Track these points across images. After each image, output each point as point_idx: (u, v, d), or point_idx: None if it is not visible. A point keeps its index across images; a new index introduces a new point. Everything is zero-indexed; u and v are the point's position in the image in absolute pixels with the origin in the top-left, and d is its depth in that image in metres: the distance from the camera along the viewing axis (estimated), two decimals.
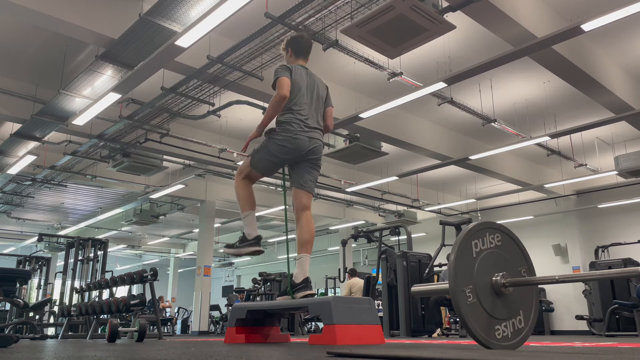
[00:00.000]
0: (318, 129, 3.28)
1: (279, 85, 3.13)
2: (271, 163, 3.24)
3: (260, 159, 3.25)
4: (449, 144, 10.48)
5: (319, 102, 3.34)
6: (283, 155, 3.18)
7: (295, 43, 3.43)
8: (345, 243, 9.26)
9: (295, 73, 3.25)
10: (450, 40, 7.23)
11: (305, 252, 3.17)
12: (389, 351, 1.76)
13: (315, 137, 3.23)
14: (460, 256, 2.09)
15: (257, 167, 3.28)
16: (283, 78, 3.14)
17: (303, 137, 3.16)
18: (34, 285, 11.32)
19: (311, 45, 3.49)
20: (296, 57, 3.43)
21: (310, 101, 3.27)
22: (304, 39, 3.45)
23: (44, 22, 5.73)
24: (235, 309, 3.27)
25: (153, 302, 6.16)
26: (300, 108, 3.20)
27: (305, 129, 3.18)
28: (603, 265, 8.67)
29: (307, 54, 3.47)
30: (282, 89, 3.11)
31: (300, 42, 3.43)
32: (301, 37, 3.46)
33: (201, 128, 10.23)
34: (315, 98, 3.32)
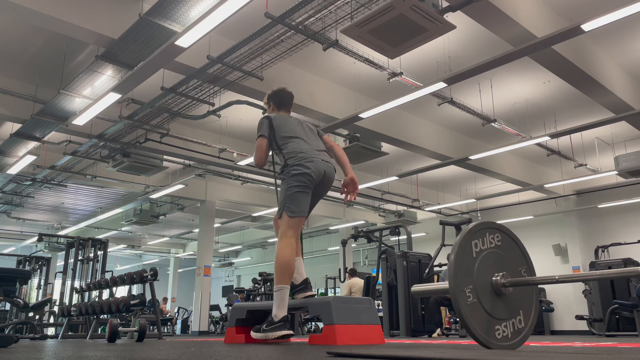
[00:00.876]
0: (325, 152, 3.27)
1: (256, 148, 3.20)
2: (303, 196, 3.03)
3: (292, 200, 3.01)
4: (449, 144, 10.48)
5: (312, 133, 3.34)
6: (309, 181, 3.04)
7: (276, 97, 3.47)
8: (345, 243, 9.26)
9: (276, 118, 3.28)
10: (450, 40, 7.23)
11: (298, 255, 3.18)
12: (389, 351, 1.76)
13: (326, 159, 3.19)
14: (460, 256, 2.09)
15: (293, 210, 3.00)
16: (259, 140, 3.19)
17: (317, 158, 3.11)
18: (34, 285, 11.32)
19: (292, 99, 3.51)
20: (278, 110, 3.46)
21: (304, 133, 3.27)
22: (285, 93, 3.47)
23: (44, 22, 5.73)
24: (235, 309, 3.27)
25: (153, 302, 6.16)
26: (300, 137, 3.20)
27: (314, 151, 3.15)
28: (603, 265, 8.67)
29: (289, 107, 3.49)
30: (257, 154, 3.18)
31: (281, 96, 3.46)
32: (282, 91, 3.48)
33: (201, 128, 10.23)
34: (308, 130, 3.32)
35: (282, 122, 3.25)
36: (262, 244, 21.88)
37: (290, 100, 3.50)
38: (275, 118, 3.28)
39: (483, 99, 9.02)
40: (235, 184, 14.06)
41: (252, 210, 16.67)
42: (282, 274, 2.90)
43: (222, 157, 10.45)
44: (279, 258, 2.93)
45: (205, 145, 10.01)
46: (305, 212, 3.05)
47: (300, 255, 3.23)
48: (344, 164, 3.33)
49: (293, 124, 3.28)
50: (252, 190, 14.63)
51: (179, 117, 8.47)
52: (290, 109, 3.51)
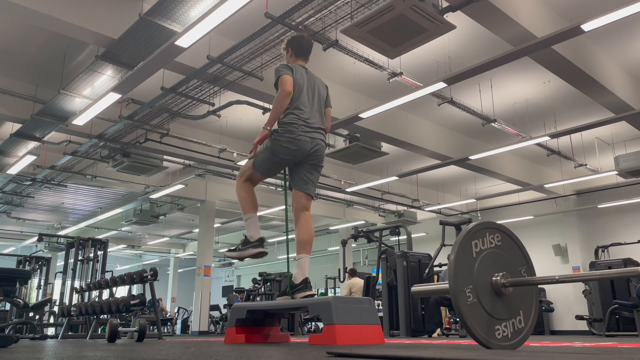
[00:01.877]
0: (320, 129, 3.26)
1: (282, 82, 3.12)
2: (274, 164, 3.21)
3: (263, 160, 3.21)
4: (449, 144, 10.48)
5: (320, 102, 3.34)
6: (286, 157, 3.16)
7: (295, 43, 3.42)
8: (345, 243, 9.26)
9: (296, 73, 3.25)
10: (450, 40, 7.23)
11: (305, 252, 3.16)
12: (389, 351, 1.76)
13: (317, 137, 3.21)
14: (460, 256, 2.09)
15: (260, 169, 3.24)
16: (285, 76, 3.14)
17: (305, 137, 3.14)
18: (34, 285, 11.32)
19: (312, 46, 3.49)
20: (296, 57, 3.42)
21: (311, 101, 3.27)
22: (305, 39, 3.44)
23: (44, 22, 5.73)
24: (235, 309, 3.27)
25: (153, 302, 6.16)
26: (302, 109, 3.19)
27: (307, 129, 3.17)
28: (603, 265, 8.67)
29: (307, 55, 3.46)
30: (286, 85, 3.11)
31: (300, 42, 3.42)
32: (302, 37, 3.45)
33: (201, 128, 10.23)
34: (316, 98, 3.31)
35: (297, 80, 3.22)
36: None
37: (310, 47, 3.47)
38: (295, 68, 3.26)
39: (483, 99, 9.02)
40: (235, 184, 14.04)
41: None
42: (246, 207, 3.27)
43: (222, 157, 10.45)
44: (239, 196, 3.30)
45: (205, 145, 10.01)
46: (267, 175, 3.30)
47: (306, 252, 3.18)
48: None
49: (305, 87, 3.26)
50: None
51: (179, 117, 8.47)
52: (308, 58, 3.48)
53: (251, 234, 3.21)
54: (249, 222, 3.24)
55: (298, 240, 3.19)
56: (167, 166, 10.79)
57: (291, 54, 3.43)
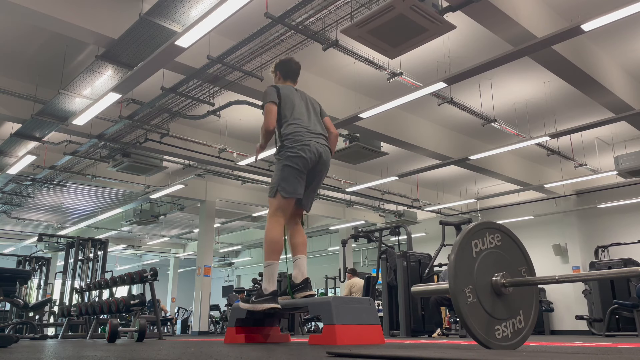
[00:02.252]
0: (323, 136, 3.26)
1: (265, 113, 3.15)
2: (296, 178, 3.07)
3: (284, 180, 3.06)
4: (449, 144, 10.48)
5: (316, 114, 3.34)
6: (303, 165, 3.08)
7: (283, 66, 3.46)
8: (345, 243, 9.26)
9: (284, 89, 3.27)
10: (450, 40, 7.23)
11: (301, 253, 3.19)
12: (389, 351, 1.76)
13: (322, 142, 3.20)
14: (460, 256, 2.09)
15: (288, 191, 3.05)
16: (269, 105, 3.16)
17: (313, 142, 3.13)
18: (34, 285, 11.32)
19: (299, 69, 3.51)
20: (284, 80, 3.45)
21: (307, 112, 3.27)
22: (292, 62, 3.47)
23: (44, 22, 5.73)
24: (235, 309, 3.27)
25: (153, 302, 6.16)
26: (300, 118, 3.19)
27: (312, 135, 3.16)
28: (603, 265, 8.67)
29: (295, 77, 3.48)
30: (267, 119, 3.13)
31: (288, 65, 3.45)
32: (289, 61, 3.47)
33: (201, 128, 10.23)
34: (311, 110, 3.32)
35: (287, 95, 3.24)
36: (262, 244, 21.82)
37: (298, 70, 3.49)
38: (282, 89, 3.27)
39: (483, 99, 9.02)
40: (235, 184, 14.06)
41: (252, 210, 16.67)
42: (271, 251, 3.01)
43: (222, 157, 10.45)
44: (267, 236, 3.03)
45: (205, 145, 10.01)
46: (298, 194, 3.10)
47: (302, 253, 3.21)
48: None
49: (297, 100, 3.27)
50: (252, 190, 14.63)
51: (179, 117, 8.47)
52: (297, 80, 3.49)
53: (266, 286, 3.01)
54: (268, 270, 3.03)
55: (293, 243, 3.23)
56: (167, 166, 10.79)
57: (279, 77, 3.47)
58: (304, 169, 3.09)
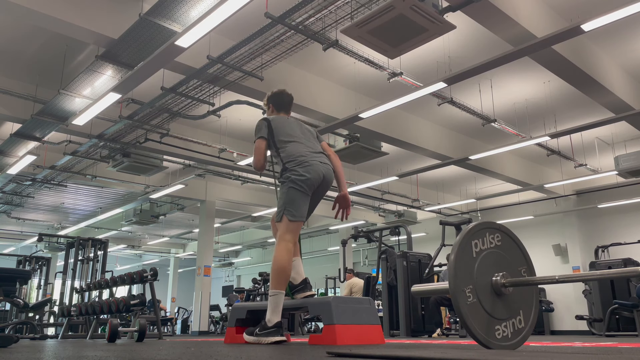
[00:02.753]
0: (323, 154, 3.24)
1: (255, 150, 3.15)
2: (302, 199, 3.02)
3: (291, 203, 3.00)
4: (449, 144, 10.48)
5: (311, 135, 3.32)
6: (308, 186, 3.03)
7: (275, 99, 3.45)
8: (345, 243, 9.26)
9: (274, 119, 3.25)
10: (450, 40, 7.23)
11: (296, 255, 3.16)
12: (389, 351, 1.76)
13: (324, 161, 3.17)
14: (460, 256, 2.09)
15: (293, 214, 3.00)
16: (258, 142, 3.15)
17: (315, 161, 3.10)
18: (34, 285, 11.32)
19: (292, 100, 3.49)
20: (278, 112, 3.44)
21: (302, 135, 3.25)
22: (285, 95, 3.46)
23: (44, 22, 5.73)
24: (235, 309, 3.27)
25: (153, 302, 6.16)
26: (299, 140, 3.18)
27: (313, 154, 3.14)
28: (603, 265, 8.67)
29: (288, 108, 3.46)
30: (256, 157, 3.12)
31: (280, 97, 3.44)
32: (281, 93, 3.46)
33: (201, 128, 10.23)
34: (306, 132, 3.30)
35: (280, 124, 3.23)
36: (262, 244, 21.88)
37: (290, 102, 3.48)
38: (274, 120, 3.25)
39: (483, 99, 9.02)
40: (235, 184, 14.06)
41: (252, 210, 16.67)
42: (279, 279, 2.89)
43: (222, 157, 10.45)
44: (276, 262, 2.91)
45: (205, 145, 10.01)
46: (304, 216, 3.05)
47: (298, 255, 3.22)
48: (338, 178, 3.29)
49: (292, 126, 3.26)
50: (252, 190, 14.63)
51: (179, 117, 8.47)
52: (290, 111, 3.49)
53: (270, 317, 2.87)
54: (273, 299, 2.88)
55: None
56: (167, 166, 10.79)
57: (272, 110, 3.46)
58: (309, 192, 3.04)
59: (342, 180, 3.29)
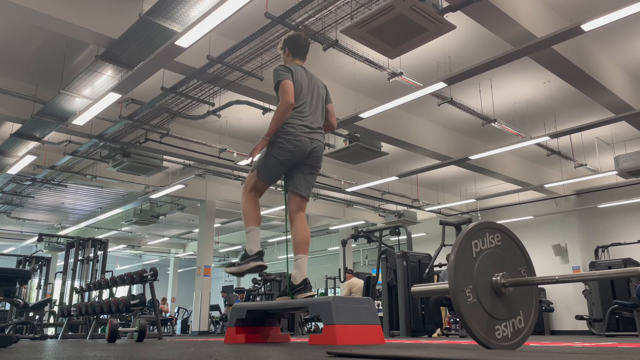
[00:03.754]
0: (319, 130, 3.24)
1: (283, 90, 3.05)
2: (276, 169, 3.15)
3: (265, 167, 3.15)
4: (449, 144, 10.48)
5: (319, 101, 3.30)
6: (286, 158, 3.11)
7: (292, 42, 3.37)
8: (345, 243, 9.26)
9: (297, 73, 3.20)
10: (450, 40, 7.23)
11: (302, 252, 3.14)
12: (389, 351, 1.76)
13: (316, 138, 3.18)
14: (460, 256, 2.09)
15: (263, 176, 3.17)
16: (286, 82, 3.07)
17: (305, 138, 3.11)
18: (34, 285, 11.32)
19: (309, 45, 3.44)
20: (294, 56, 3.38)
21: (312, 101, 3.23)
22: (302, 38, 3.39)
23: (44, 22, 5.73)
24: (235, 309, 3.27)
25: (153, 302, 6.16)
26: (302, 110, 3.15)
27: (307, 130, 3.14)
28: (603, 265, 8.67)
29: (304, 54, 3.41)
30: (288, 94, 3.04)
31: (297, 42, 3.37)
32: (298, 37, 3.40)
33: (201, 128, 10.23)
34: (315, 98, 3.27)
35: (297, 81, 3.17)
36: (262, 244, 21.82)
37: (307, 46, 3.41)
38: (294, 71, 3.19)
39: (483, 99, 9.02)
40: (235, 184, 14.06)
41: None
42: (249, 220, 3.18)
43: (222, 157, 10.45)
44: (243, 209, 3.22)
45: (205, 145, 10.01)
46: (272, 181, 3.22)
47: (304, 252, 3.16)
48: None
49: (304, 86, 3.21)
50: None
51: (179, 117, 8.47)
52: (305, 57, 3.42)
53: (250, 247, 3.14)
54: (250, 235, 3.17)
55: (295, 242, 3.18)
56: (167, 166, 10.79)
57: (288, 54, 3.39)
58: (287, 163, 3.14)
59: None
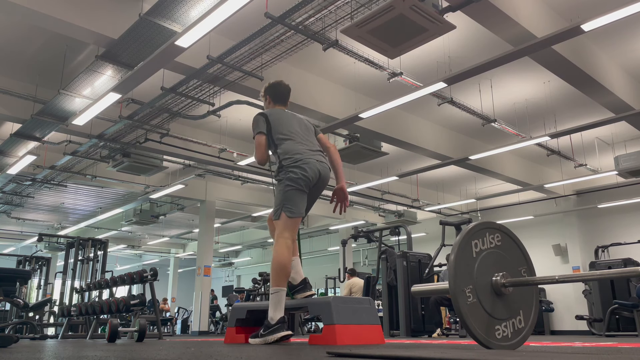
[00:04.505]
0: (321, 152, 3.23)
1: (256, 147, 3.14)
2: (301, 195, 3.04)
3: (290, 201, 3.01)
4: (449, 144, 10.48)
5: (308, 131, 3.29)
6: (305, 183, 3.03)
7: (272, 90, 3.41)
8: (345, 243, 9.26)
9: (272, 114, 3.23)
10: (450, 40, 7.23)
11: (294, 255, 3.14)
12: (389, 351, 1.76)
13: (321, 159, 3.16)
14: (460, 256, 2.09)
15: (293, 212, 3.00)
16: (258, 137, 3.13)
17: (312, 160, 3.09)
18: (34, 285, 11.32)
19: (289, 92, 3.45)
20: (275, 103, 3.40)
21: (300, 131, 3.23)
22: (281, 86, 3.41)
23: (44, 22, 5.73)
24: (235, 309, 3.27)
25: (153, 302, 6.16)
26: (295, 135, 3.16)
27: (310, 152, 3.12)
28: (603, 265, 8.67)
29: (285, 100, 3.42)
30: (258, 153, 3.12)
31: (277, 88, 3.40)
32: (278, 84, 3.42)
33: (201, 128, 10.23)
34: (304, 128, 3.27)
35: (277, 119, 3.20)
36: (262, 244, 21.89)
37: (287, 93, 3.44)
38: (271, 114, 3.23)
39: (483, 99, 9.02)
40: (235, 184, 14.06)
41: (252, 210, 16.67)
42: (279, 276, 2.90)
43: (222, 157, 10.45)
44: (276, 259, 2.92)
45: (205, 145, 10.01)
46: (302, 212, 3.06)
47: (297, 254, 3.21)
48: (337, 170, 3.30)
49: (289, 121, 3.23)
50: (252, 190, 14.63)
51: (179, 117, 8.47)
52: (287, 102, 3.45)
53: (273, 315, 2.85)
54: (275, 297, 2.88)
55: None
56: (167, 166, 10.79)
57: (270, 101, 3.42)
58: (306, 189, 3.05)
59: (340, 172, 3.29)
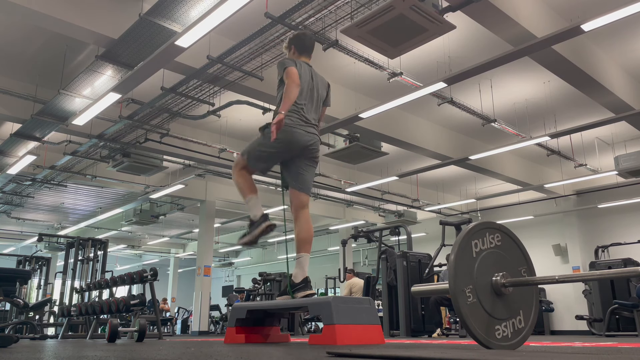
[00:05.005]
0: (315, 125, 3.25)
1: (289, 74, 3.06)
2: (266, 157, 3.15)
3: (254, 152, 3.16)
4: (449, 144, 10.48)
5: (318, 102, 3.32)
6: (279, 149, 3.09)
7: (298, 41, 3.39)
8: (345, 243, 9.26)
9: (300, 67, 3.20)
10: (450, 40, 7.23)
11: (305, 251, 3.12)
12: (389, 351, 1.76)
13: (312, 132, 3.19)
14: (460, 256, 2.09)
15: (252, 162, 3.19)
16: (291, 68, 3.09)
17: (300, 130, 3.10)
18: (34, 285, 11.32)
19: (314, 44, 3.45)
20: (300, 54, 3.38)
21: (310, 99, 3.24)
22: (307, 37, 3.41)
23: (44, 22, 5.73)
24: (235, 309, 3.27)
25: (153, 302, 6.16)
26: (301, 103, 3.16)
27: (303, 122, 3.13)
28: (603, 265, 8.67)
29: (310, 52, 3.42)
30: (294, 76, 3.05)
31: (303, 40, 3.39)
32: (304, 35, 3.42)
33: (201, 128, 10.23)
34: (315, 98, 3.28)
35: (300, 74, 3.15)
36: (262, 244, 21.89)
37: (312, 45, 3.43)
38: (299, 67, 3.18)
39: (483, 99, 9.02)
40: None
41: None
42: (244, 191, 3.22)
43: (222, 157, 10.45)
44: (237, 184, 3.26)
45: (205, 145, 10.01)
46: (260, 170, 3.25)
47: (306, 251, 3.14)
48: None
49: (306, 83, 3.21)
50: None
51: (179, 117, 8.47)
52: (311, 55, 3.43)
53: (254, 214, 3.15)
54: (250, 203, 3.20)
55: (298, 239, 3.13)
56: (167, 166, 10.79)
57: (294, 51, 3.39)
58: (278, 151, 3.12)
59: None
